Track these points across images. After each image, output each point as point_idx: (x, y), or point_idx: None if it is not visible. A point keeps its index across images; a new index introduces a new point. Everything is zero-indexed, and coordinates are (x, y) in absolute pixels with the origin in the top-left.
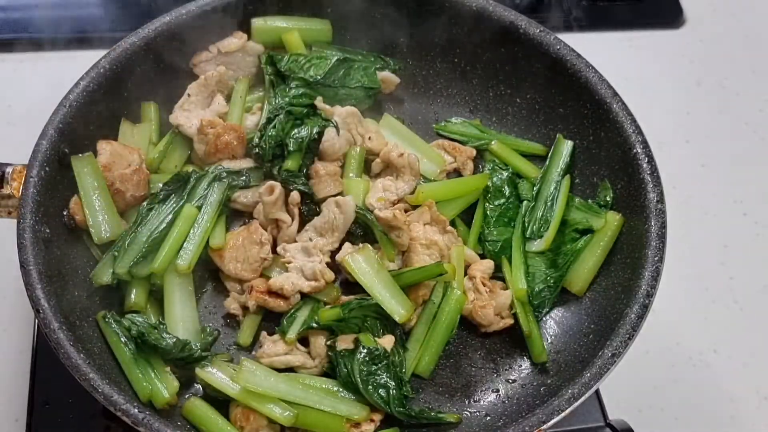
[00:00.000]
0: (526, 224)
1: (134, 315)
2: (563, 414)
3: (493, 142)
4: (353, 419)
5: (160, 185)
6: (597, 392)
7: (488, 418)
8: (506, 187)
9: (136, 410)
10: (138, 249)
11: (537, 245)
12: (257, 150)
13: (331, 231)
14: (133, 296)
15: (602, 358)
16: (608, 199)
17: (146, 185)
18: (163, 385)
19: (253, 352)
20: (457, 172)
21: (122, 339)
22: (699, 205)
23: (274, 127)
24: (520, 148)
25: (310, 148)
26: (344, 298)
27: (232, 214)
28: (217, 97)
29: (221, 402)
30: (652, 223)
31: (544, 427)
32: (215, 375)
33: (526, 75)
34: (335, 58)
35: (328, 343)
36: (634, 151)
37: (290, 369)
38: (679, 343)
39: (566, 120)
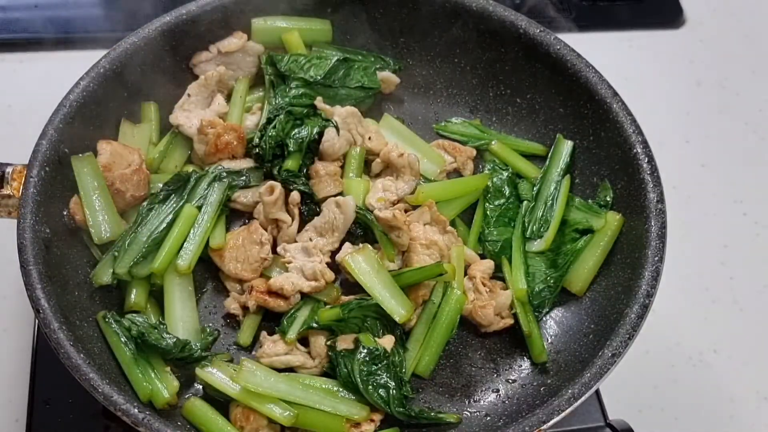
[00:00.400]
0: (526, 224)
1: (134, 315)
2: (563, 414)
3: (493, 142)
4: (353, 419)
5: (160, 185)
6: (597, 392)
7: (488, 418)
8: (506, 187)
9: (136, 410)
10: (138, 249)
11: (537, 245)
12: (257, 150)
13: (331, 231)
14: (133, 296)
15: (602, 358)
16: (608, 199)
17: (146, 185)
18: (163, 385)
19: (253, 352)
20: (457, 172)
21: (122, 339)
22: (699, 205)
23: (274, 127)
24: (520, 148)
25: (310, 148)
26: (344, 298)
27: (232, 214)
28: (217, 97)
29: (221, 402)
30: (652, 223)
31: (544, 427)
32: (215, 375)
33: (526, 75)
34: (335, 58)
35: (328, 343)
36: (634, 151)
37: (290, 369)
38: (679, 343)
39: (566, 120)
